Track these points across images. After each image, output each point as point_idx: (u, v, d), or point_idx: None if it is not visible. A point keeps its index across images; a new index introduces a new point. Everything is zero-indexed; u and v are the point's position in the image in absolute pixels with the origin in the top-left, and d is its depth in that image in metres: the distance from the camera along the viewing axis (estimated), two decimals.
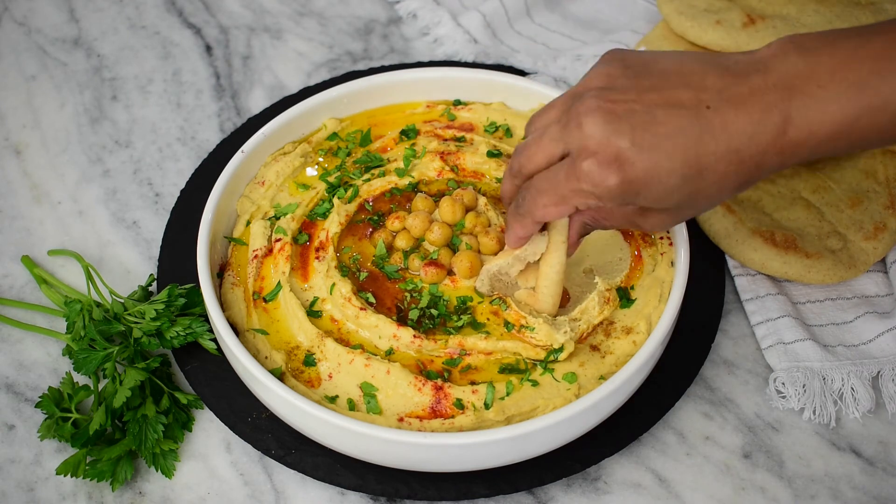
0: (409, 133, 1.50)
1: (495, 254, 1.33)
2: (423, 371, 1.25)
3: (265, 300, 1.33)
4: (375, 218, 1.40)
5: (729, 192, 1.09)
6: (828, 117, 1.04)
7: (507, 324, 1.28)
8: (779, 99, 1.04)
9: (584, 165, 1.06)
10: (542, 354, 1.26)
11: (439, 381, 1.23)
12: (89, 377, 1.30)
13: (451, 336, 1.27)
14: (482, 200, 1.39)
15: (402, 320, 1.29)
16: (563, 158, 1.11)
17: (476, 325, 1.29)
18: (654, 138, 1.04)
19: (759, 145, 1.05)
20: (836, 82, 1.03)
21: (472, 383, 1.24)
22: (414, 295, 1.32)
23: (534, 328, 1.26)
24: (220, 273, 1.37)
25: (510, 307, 1.28)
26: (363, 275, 1.34)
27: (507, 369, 1.26)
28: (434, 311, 1.30)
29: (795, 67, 1.05)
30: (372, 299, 1.32)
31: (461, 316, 1.30)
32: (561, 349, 1.25)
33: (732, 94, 1.05)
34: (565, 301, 1.32)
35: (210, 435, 1.32)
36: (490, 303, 1.30)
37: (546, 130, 1.12)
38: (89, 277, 1.37)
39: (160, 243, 1.49)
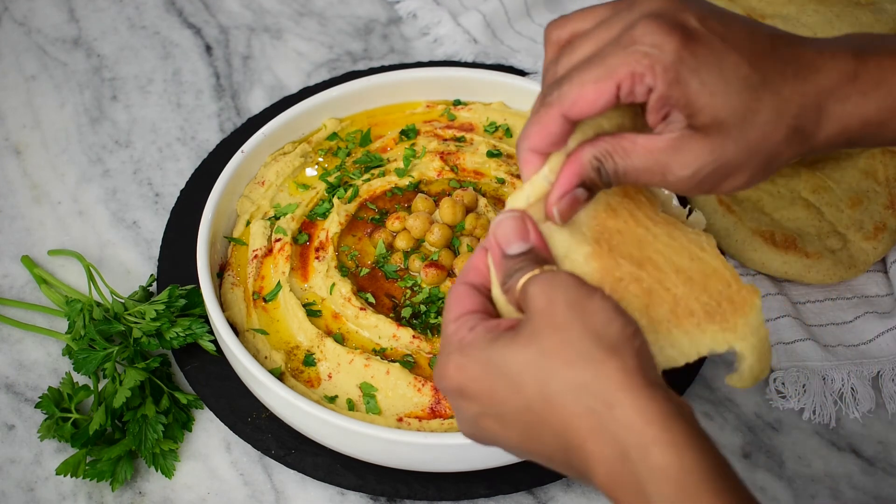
0: (409, 133, 1.50)
1: None
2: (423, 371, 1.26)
3: (265, 300, 1.33)
4: (377, 217, 1.40)
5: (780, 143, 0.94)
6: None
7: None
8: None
9: (642, 25, 0.91)
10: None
11: None
12: (89, 377, 1.30)
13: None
14: (482, 201, 1.39)
15: (396, 315, 1.30)
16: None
17: None
18: (726, 30, 0.93)
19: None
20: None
21: None
22: (415, 289, 1.32)
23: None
24: (220, 273, 1.37)
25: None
26: (364, 270, 1.34)
27: None
28: (433, 315, 1.30)
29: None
30: (372, 299, 1.32)
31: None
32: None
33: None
34: None
35: (210, 435, 1.32)
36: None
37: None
38: (90, 277, 1.36)
39: (160, 243, 1.49)
